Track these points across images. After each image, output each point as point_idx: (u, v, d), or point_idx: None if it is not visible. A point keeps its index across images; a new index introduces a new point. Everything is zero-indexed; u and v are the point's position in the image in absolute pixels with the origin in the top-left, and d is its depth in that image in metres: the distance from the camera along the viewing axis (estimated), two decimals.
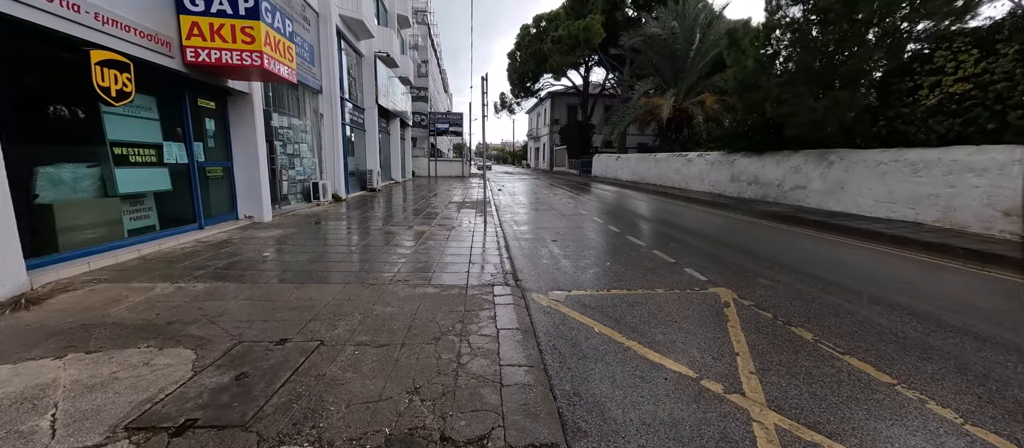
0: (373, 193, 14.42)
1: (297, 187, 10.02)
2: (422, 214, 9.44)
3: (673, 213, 10.86)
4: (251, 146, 7.34)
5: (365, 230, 7.30)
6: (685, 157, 16.92)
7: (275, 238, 6.31)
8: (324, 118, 11.23)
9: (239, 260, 4.94)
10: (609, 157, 27.04)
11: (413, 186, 18.60)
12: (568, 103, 44.85)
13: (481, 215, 9.25)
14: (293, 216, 8.51)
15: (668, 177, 18.23)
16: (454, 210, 10.18)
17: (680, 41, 19.03)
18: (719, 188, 14.44)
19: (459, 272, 4.72)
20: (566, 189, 18.61)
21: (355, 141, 14.56)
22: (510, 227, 8.27)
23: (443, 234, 6.94)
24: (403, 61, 19.88)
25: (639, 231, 8.03)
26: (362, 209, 10.17)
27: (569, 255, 5.99)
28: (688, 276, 4.95)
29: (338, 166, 11.57)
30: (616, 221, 9.21)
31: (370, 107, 15.34)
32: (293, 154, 9.77)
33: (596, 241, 7.07)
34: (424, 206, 10.96)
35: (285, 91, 9.38)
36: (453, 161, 29.25)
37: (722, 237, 7.55)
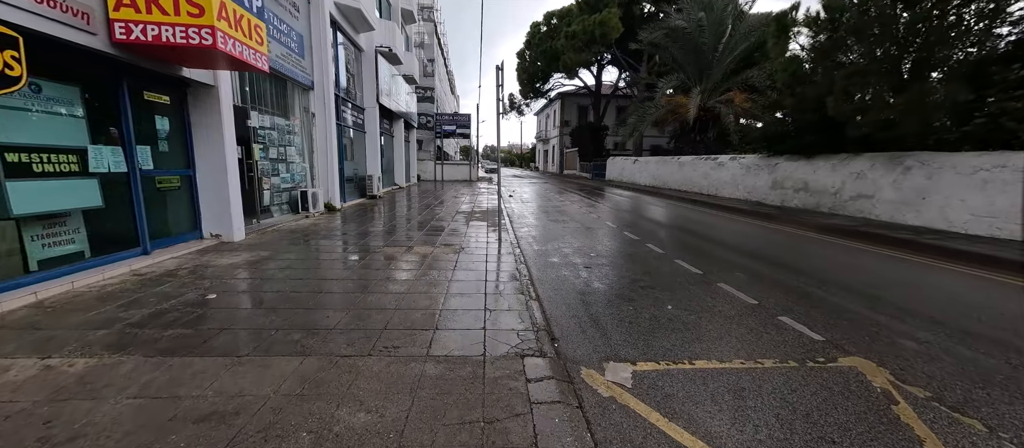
0: (373, 201, 13.12)
1: (283, 197, 8.73)
2: (426, 228, 8.10)
3: (713, 226, 9.39)
4: (218, 150, 6.04)
5: (355, 253, 5.95)
6: (714, 160, 15.41)
7: (237, 267, 4.98)
8: (316, 118, 9.95)
9: (168, 308, 3.60)
10: (625, 160, 25.55)
11: (418, 192, 17.30)
12: (578, 104, 43.46)
13: (494, 229, 7.88)
14: (273, 233, 7.20)
15: (694, 182, 16.72)
16: (462, 222, 8.83)
17: (707, 34, 17.55)
18: (757, 195, 12.92)
19: (472, 327, 3.34)
20: (581, 195, 17.18)
21: (354, 144, 13.30)
22: (529, 245, 6.88)
23: (449, 259, 5.57)
24: (407, 58, 18.64)
25: (686, 251, 6.59)
26: (357, 222, 8.85)
27: (613, 291, 4.59)
28: (791, 331, 3.52)
29: (332, 172, 10.29)
30: (651, 237, 7.77)
31: (371, 107, 14.07)
32: (278, 159, 8.48)
33: (639, 267, 5.64)
34: (429, 217, 9.62)
35: (267, 86, 8.10)
36: (460, 164, 27.97)
37: (794, 261, 6.08)
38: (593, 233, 8.29)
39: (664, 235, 8.12)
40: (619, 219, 10.25)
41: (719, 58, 17.82)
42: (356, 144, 13.44)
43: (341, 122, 11.49)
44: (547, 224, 9.36)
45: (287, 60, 8.43)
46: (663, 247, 6.89)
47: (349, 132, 12.61)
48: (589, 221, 9.91)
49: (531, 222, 9.64)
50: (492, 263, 5.41)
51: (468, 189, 19.11)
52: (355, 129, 13.09)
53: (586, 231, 8.52)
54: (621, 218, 10.46)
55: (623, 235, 8.07)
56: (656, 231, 8.59)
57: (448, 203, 12.77)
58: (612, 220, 10.02)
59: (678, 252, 6.55)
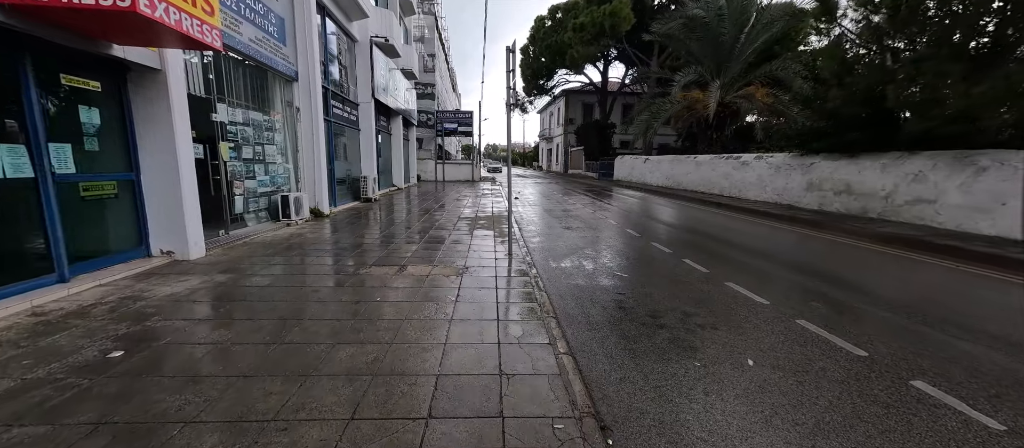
0: (368, 204, 12.03)
1: (260, 203, 7.63)
2: (424, 239, 6.99)
3: (752, 235, 8.25)
4: (168, 148, 4.95)
5: (333, 276, 4.85)
6: (737, 159, 14.24)
7: (178, 300, 3.88)
8: (301, 113, 8.85)
9: (33, 381, 2.50)
10: (635, 159, 24.38)
11: (418, 194, 16.20)
12: (583, 102, 42.33)
13: (501, 240, 6.77)
14: (243, 247, 6.11)
15: (713, 183, 15.56)
16: (465, 230, 7.73)
17: (727, 24, 16.37)
18: (789, 197, 11.76)
19: (482, 411, 2.23)
20: (591, 197, 16.04)
21: (346, 142, 12.20)
22: (544, 262, 5.77)
23: (449, 286, 4.46)
24: (406, 52, 17.54)
25: (733, 269, 5.45)
26: (347, 231, 7.75)
27: (664, 332, 3.46)
28: (953, 416, 2.39)
29: (320, 173, 9.19)
30: (686, 250, 6.63)
31: (365, 102, 12.97)
32: (254, 159, 7.39)
33: (685, 294, 4.51)
34: (428, 224, 8.52)
35: (240, 74, 7.01)
36: (462, 164, 26.87)
37: (875, 285, 4.93)
38: (615, 245, 7.17)
39: (699, 247, 6.99)
40: (640, 226, 9.12)
41: (740, 50, 16.63)
42: (349, 143, 12.35)
43: (331, 118, 10.39)
44: (561, 233, 8.23)
45: (264, 45, 7.33)
46: (703, 263, 5.76)
47: (341, 129, 11.52)
48: (607, 229, 8.79)
49: (542, 230, 8.51)
50: (503, 292, 4.29)
51: (470, 190, 18.01)
52: (348, 126, 11.99)
53: (607, 242, 7.41)
54: (642, 225, 9.33)
55: (651, 248, 6.94)
56: (688, 241, 7.45)
57: (450, 206, 11.67)
58: (632, 227, 8.89)
59: (723, 270, 5.42)
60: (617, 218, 10.35)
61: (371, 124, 13.19)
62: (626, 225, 9.23)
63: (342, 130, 11.65)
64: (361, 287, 4.35)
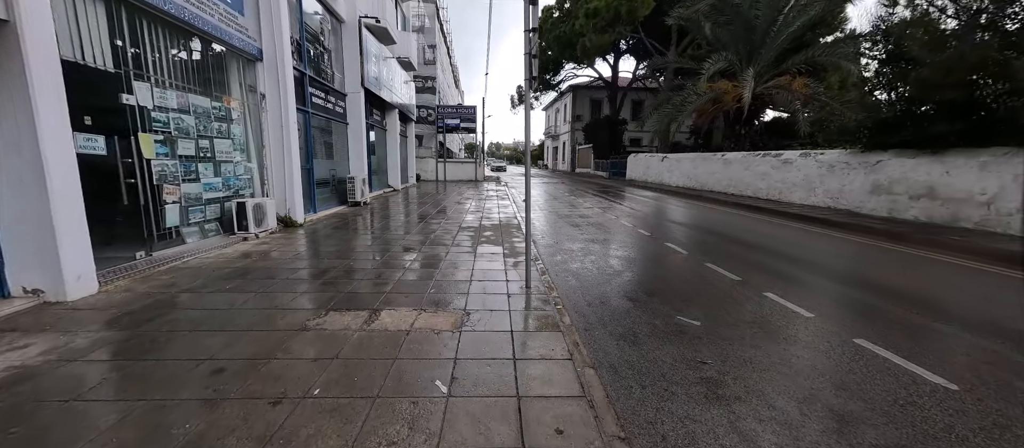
0: (356, 209, 10.43)
1: (206, 212, 6.03)
2: (413, 259, 5.38)
3: (825, 251, 6.57)
4: (24, 139, 3.36)
5: (265, 329, 3.24)
6: (778, 157, 12.52)
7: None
8: (267, 101, 7.26)
9: None
10: (650, 157, 22.67)
11: (416, 195, 14.59)
12: (591, 97, 40.65)
13: (513, 260, 5.14)
14: (165, 275, 4.51)
15: (747, 184, 13.84)
16: (467, 246, 6.11)
17: (762, 5, 14.62)
18: (846, 201, 10.05)
19: None
20: (608, 200, 14.38)
21: (332, 138, 10.61)
22: (578, 302, 4.13)
23: (441, 350, 2.85)
24: (403, 39, 15.92)
25: (836, 304, 3.77)
26: (317, 248, 6.15)
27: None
28: None
29: (291, 174, 7.59)
30: (752, 272, 4.96)
31: (354, 92, 11.37)
32: (198, 156, 5.79)
33: (782, 346, 2.85)
34: (422, 237, 6.91)
35: (171, 45, 5.41)
36: (464, 162, 25.26)
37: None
38: (658, 266, 5.52)
39: (765, 267, 5.31)
40: (675, 237, 7.46)
41: (775, 35, 14.89)
42: (335, 139, 10.75)
43: (309, 109, 8.79)
44: (585, 248, 6.59)
45: (210, 9, 5.73)
46: (786, 295, 4.11)
47: (324, 123, 9.92)
48: (639, 242, 7.14)
49: (560, 242, 6.87)
50: (528, 371, 2.66)
51: (474, 191, 16.39)
52: (333, 119, 10.39)
53: (647, 261, 5.76)
54: (676, 236, 7.67)
55: (704, 267, 5.29)
56: (743, 257, 5.79)
57: (450, 211, 10.05)
58: (667, 238, 7.23)
59: (822, 306, 3.75)
60: (646, 226, 8.69)
61: (361, 118, 11.59)
62: (662, 237, 7.57)
63: (326, 124, 10.05)
64: (303, 354, 2.73)
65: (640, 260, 5.95)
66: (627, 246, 6.85)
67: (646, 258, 6.08)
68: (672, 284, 4.79)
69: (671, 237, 7.56)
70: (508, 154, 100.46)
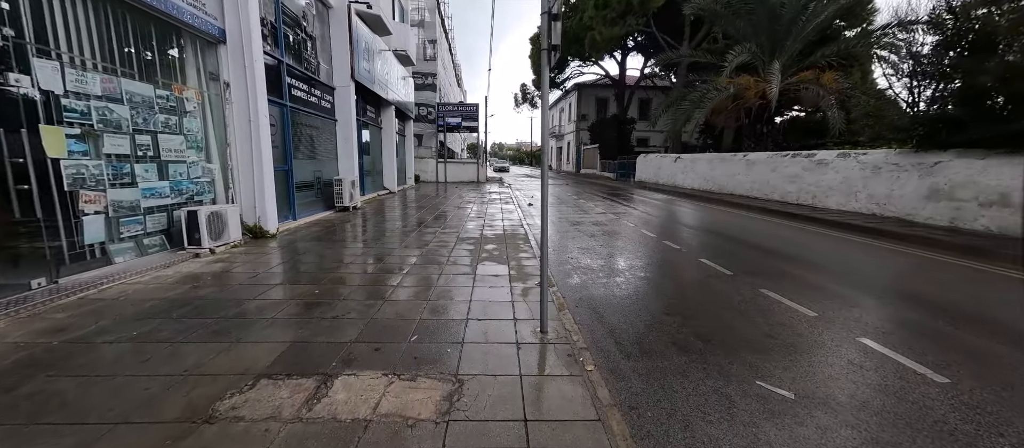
0: (344, 215, 9.36)
1: (148, 223, 4.96)
2: (399, 285, 4.28)
3: (898, 272, 5.44)
4: None
5: (177, 402, 2.17)
6: (811, 158, 11.36)
7: None
8: (231, 90, 6.19)
9: None
10: (661, 158, 21.52)
11: (413, 199, 13.52)
12: (597, 96, 39.49)
13: (521, 284, 4.04)
14: (67, 311, 3.45)
15: (774, 187, 12.68)
16: (465, 265, 5.01)
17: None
18: (897, 208, 8.88)
19: None
20: (621, 203, 13.25)
21: (318, 136, 9.54)
22: (608, 348, 3.03)
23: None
24: (400, 31, 14.86)
25: (958, 356, 2.67)
26: (281, 268, 5.07)
27: None
28: None
29: (262, 176, 6.51)
30: (829, 303, 3.82)
31: (343, 85, 10.30)
32: (135, 155, 4.73)
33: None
34: (412, 251, 5.81)
35: (95, 15, 4.34)
36: (466, 163, 24.19)
37: None
38: (702, 293, 4.40)
39: (841, 296, 4.18)
40: (709, 250, 6.33)
41: (802, 26, 13.72)
42: (321, 136, 9.68)
43: (287, 102, 7.72)
44: (608, 265, 5.47)
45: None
46: (893, 342, 2.99)
47: (307, 119, 8.85)
48: (668, 257, 6.01)
49: (575, 258, 5.76)
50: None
51: (476, 194, 15.30)
52: (318, 115, 9.32)
53: (687, 286, 4.65)
54: (710, 249, 6.54)
55: (760, 295, 4.17)
56: (802, 278, 4.66)
57: (449, 218, 8.95)
58: (701, 252, 6.10)
59: (962, 366, 2.63)
60: (672, 237, 7.56)
61: (351, 114, 10.52)
62: (694, 250, 6.44)
63: (310, 120, 8.98)
64: None
65: (677, 284, 4.84)
66: (656, 264, 5.73)
67: (684, 281, 4.97)
68: (727, 321, 3.67)
69: (705, 251, 6.43)
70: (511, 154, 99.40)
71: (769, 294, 4.35)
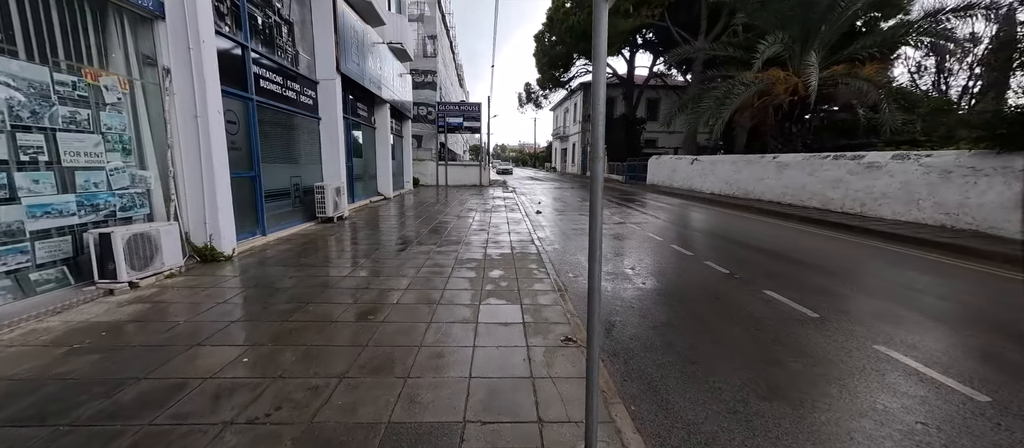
0: (326, 228, 8.12)
1: (29, 253, 3.71)
2: (370, 343, 3.00)
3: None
4: None
5: None
6: (858, 160, 10.02)
7: None
8: (173, 79, 4.94)
9: None
10: (676, 160, 20.20)
11: (409, 206, 12.26)
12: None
13: (538, 338, 2.76)
14: None
15: (812, 192, 11.34)
16: (463, 305, 3.74)
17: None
18: (968, 218, 7.55)
19: None
20: (637, 210, 11.95)
21: (299, 136, 8.30)
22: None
23: None
24: (395, 23, 13.65)
25: None
26: (225, 310, 3.81)
27: None
28: None
29: (214, 184, 5.26)
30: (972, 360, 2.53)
31: (328, 79, 9.07)
32: (21, 161, 3.49)
33: None
34: (398, 283, 4.54)
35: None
36: (468, 166, 22.94)
37: None
38: (800, 357, 3.09)
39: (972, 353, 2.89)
40: (771, 277, 5.01)
41: (840, 13, 12.39)
42: (300, 137, 8.43)
43: (251, 95, 6.47)
44: (654, 302, 4.18)
45: None
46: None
47: (282, 117, 7.60)
48: (724, 288, 4.70)
49: (610, 291, 4.46)
50: None
51: (479, 199, 14.03)
52: (297, 113, 8.08)
53: (767, 343, 3.34)
54: (769, 273, 5.22)
55: (886, 361, 2.85)
56: (940, 331, 3.35)
57: (448, 231, 7.68)
58: (764, 282, 4.79)
59: None
60: (712, 255, 6.25)
61: (337, 111, 9.27)
62: (752, 279, 5.13)
63: (285, 117, 7.74)
64: None
65: (748, 331, 3.54)
66: (709, 296, 4.42)
67: (755, 325, 3.67)
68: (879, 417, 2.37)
69: (764, 278, 5.11)
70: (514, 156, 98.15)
71: (899, 358, 3.04)
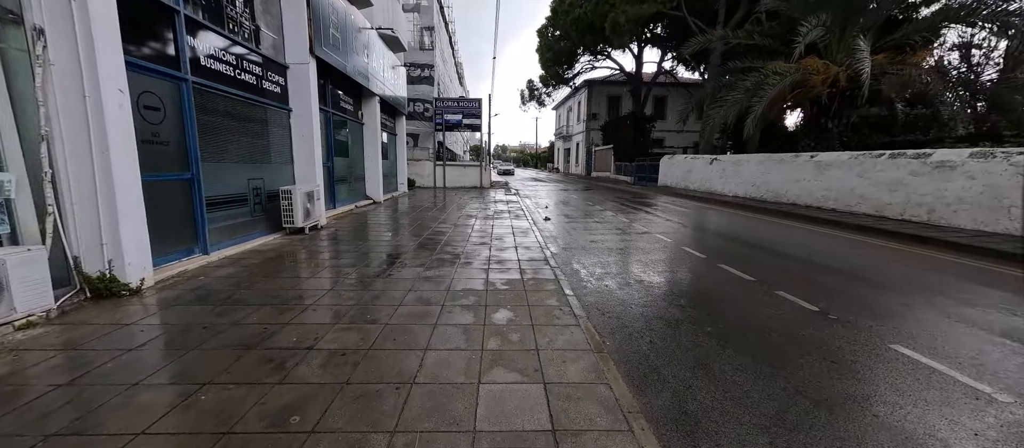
0: (293, 241, 6.69)
1: None
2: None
3: None
4: None
5: None
6: (923, 159, 8.57)
7: None
8: (48, 45, 3.50)
9: None
10: (692, 160, 18.75)
11: (401, 212, 10.83)
12: (609, 94, 36.80)
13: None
14: None
15: (862, 196, 9.89)
16: (457, 371, 2.31)
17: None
18: None
19: None
20: (662, 217, 10.49)
21: (264, 130, 6.86)
22: None
23: None
24: (384, 5, 12.23)
25: None
26: (78, 399, 2.35)
27: None
28: None
29: (111, 189, 3.84)
30: None
31: (299, 62, 7.64)
32: None
33: None
34: (363, 336, 3.10)
35: None
36: (468, 166, 21.51)
37: None
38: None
39: None
40: (857, 305, 3.56)
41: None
42: (264, 131, 6.99)
43: (185, 74, 5.02)
44: (717, 352, 2.73)
45: None
46: None
47: (240, 108, 6.16)
48: (807, 330, 3.23)
49: (655, 344, 3.04)
50: None
51: (479, 203, 12.60)
52: (258, 101, 6.65)
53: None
54: (858, 301, 3.76)
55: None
56: None
57: (442, 246, 6.24)
58: (854, 313, 3.35)
59: None
60: (776, 279, 4.79)
61: (311, 101, 7.84)
62: (835, 306, 3.68)
63: (242, 107, 6.30)
64: None
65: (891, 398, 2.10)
66: (789, 357, 2.98)
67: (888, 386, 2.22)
68: None
69: (842, 306, 3.66)
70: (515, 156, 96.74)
71: None
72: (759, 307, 4.07)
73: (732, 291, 4.58)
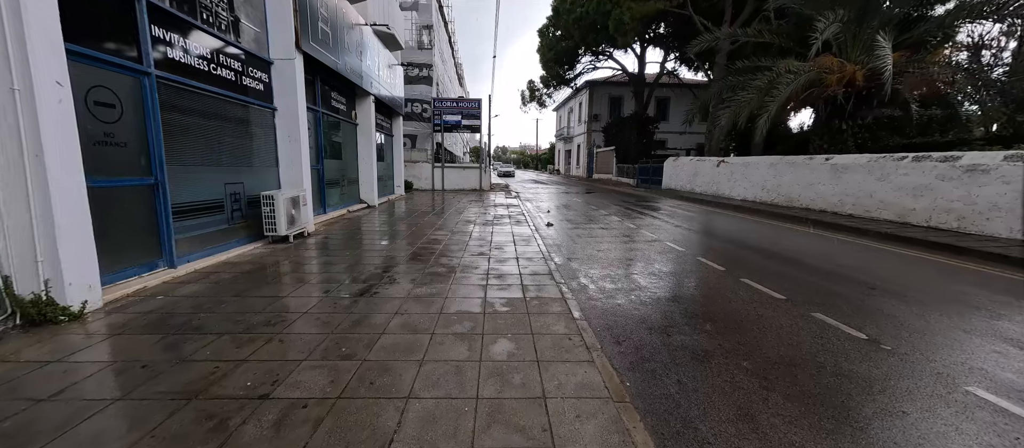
0: (275, 250, 6.17)
1: None
2: None
3: None
4: None
5: None
6: (951, 163, 8.04)
7: None
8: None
9: None
10: (698, 162, 18.22)
11: (397, 217, 10.29)
12: (610, 94, 36.32)
13: None
14: None
15: (883, 201, 9.36)
16: (446, 434, 1.79)
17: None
18: None
19: None
20: (669, 222, 9.95)
21: (239, 129, 6.33)
22: None
23: None
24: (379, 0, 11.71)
25: None
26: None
27: None
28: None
29: (47, 197, 3.32)
30: None
31: (284, 58, 7.12)
32: None
33: None
34: (335, 380, 2.57)
35: None
36: (467, 168, 20.98)
37: None
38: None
39: None
40: (914, 336, 3.03)
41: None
42: (246, 131, 6.47)
43: (147, 67, 4.48)
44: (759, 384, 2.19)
45: None
46: None
47: (215, 105, 5.63)
48: (873, 371, 2.69)
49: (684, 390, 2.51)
50: None
51: (478, 207, 12.06)
52: (237, 99, 6.12)
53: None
54: (915, 334, 3.23)
55: None
56: None
57: (436, 256, 5.69)
58: (912, 346, 2.82)
59: None
60: (807, 298, 4.25)
61: (297, 99, 7.31)
62: (905, 352, 3.14)
63: (219, 106, 5.77)
64: None
65: None
66: (855, 407, 2.44)
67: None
68: None
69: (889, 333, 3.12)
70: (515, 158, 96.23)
71: None
72: (798, 335, 3.53)
73: (763, 313, 4.04)
